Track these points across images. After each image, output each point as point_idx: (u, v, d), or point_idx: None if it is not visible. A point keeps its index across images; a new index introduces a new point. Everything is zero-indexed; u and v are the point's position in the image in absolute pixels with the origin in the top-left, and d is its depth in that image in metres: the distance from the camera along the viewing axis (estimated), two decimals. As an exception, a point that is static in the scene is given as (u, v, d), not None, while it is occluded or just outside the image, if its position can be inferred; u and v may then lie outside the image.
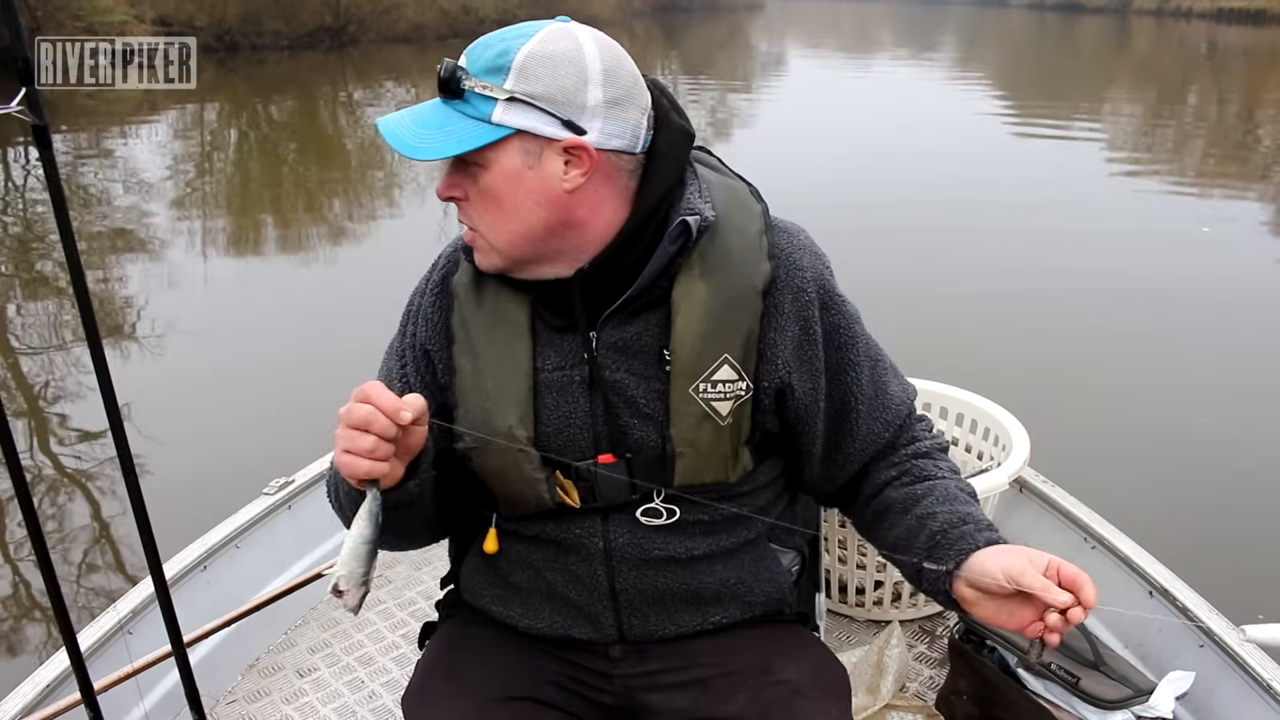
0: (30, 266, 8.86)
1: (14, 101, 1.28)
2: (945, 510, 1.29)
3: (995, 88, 25.41)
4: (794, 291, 1.30)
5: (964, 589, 1.21)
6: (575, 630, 1.38)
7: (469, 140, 1.19)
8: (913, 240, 8.89)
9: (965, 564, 1.21)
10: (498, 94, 1.18)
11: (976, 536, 1.24)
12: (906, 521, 1.32)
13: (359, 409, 1.11)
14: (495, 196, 1.23)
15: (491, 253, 1.27)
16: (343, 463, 1.13)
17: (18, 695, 1.97)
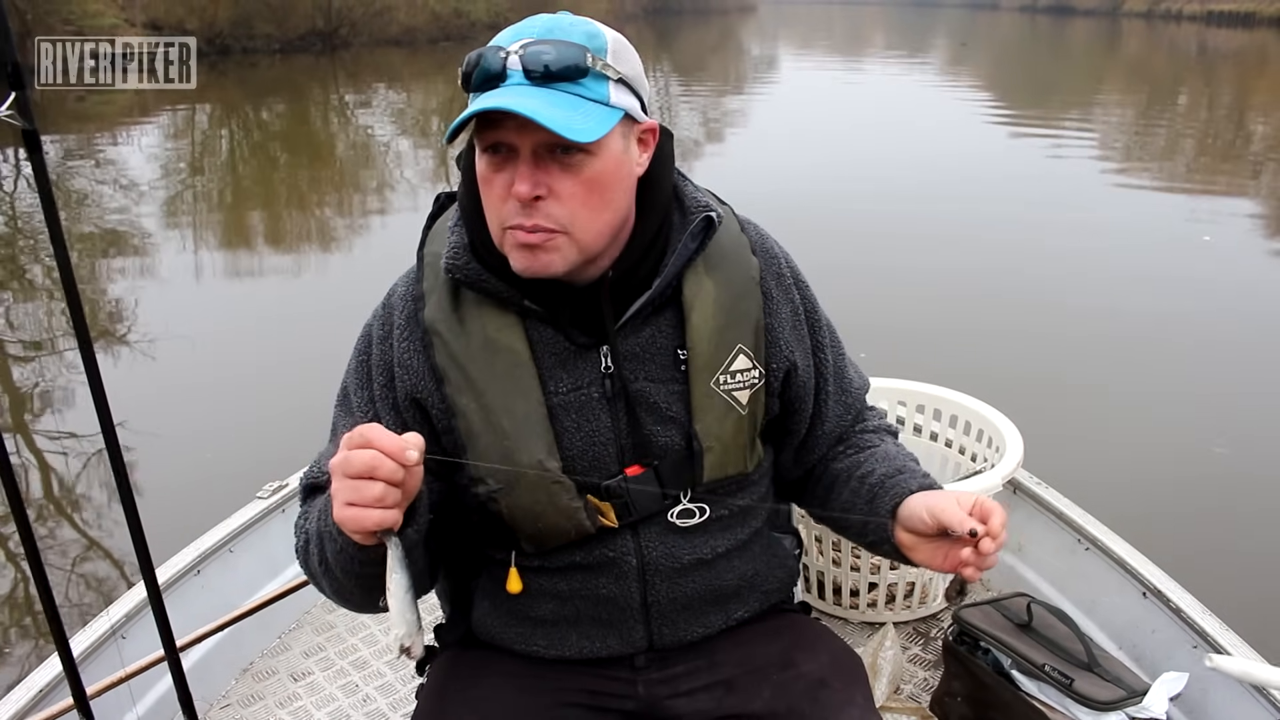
0: (19, 270, 8.84)
1: (3, 106, 1.28)
2: (883, 466, 1.34)
3: (987, 90, 25.48)
4: (776, 278, 1.35)
5: (901, 534, 1.26)
6: (603, 649, 1.36)
7: (605, 122, 1.14)
8: (902, 242, 8.89)
9: (900, 509, 1.26)
10: (612, 74, 1.16)
11: (910, 483, 1.28)
12: (850, 485, 1.36)
13: (360, 455, 1.01)
14: (600, 186, 1.17)
15: (571, 251, 1.18)
16: (348, 517, 1.03)
17: (10, 701, 1.96)
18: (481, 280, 1.24)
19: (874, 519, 1.29)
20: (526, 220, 1.16)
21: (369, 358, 1.32)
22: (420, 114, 20.88)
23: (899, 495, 1.27)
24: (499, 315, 1.26)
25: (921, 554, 1.23)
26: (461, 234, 1.27)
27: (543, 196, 1.15)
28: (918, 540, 1.23)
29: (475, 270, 1.24)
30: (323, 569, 1.22)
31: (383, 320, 1.32)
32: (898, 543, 1.26)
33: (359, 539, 1.06)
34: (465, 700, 1.33)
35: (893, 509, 1.27)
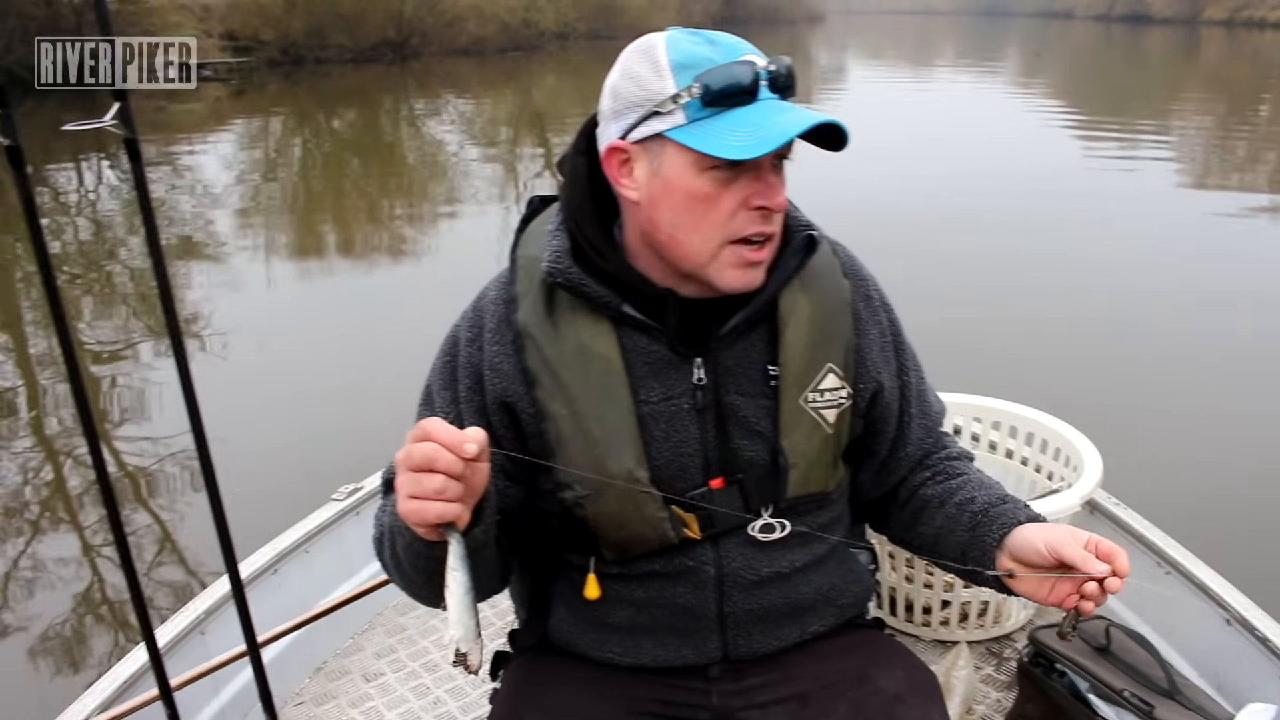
0: (104, 274, 9.08)
1: (108, 115, 1.32)
2: (983, 494, 1.33)
3: (1062, 101, 25.05)
4: (865, 299, 1.37)
5: (1007, 564, 1.24)
6: (678, 659, 1.36)
7: None
8: (979, 259, 8.79)
9: (1008, 539, 1.24)
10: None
11: (1017, 513, 1.26)
12: (946, 511, 1.35)
13: (420, 448, 1.02)
14: None
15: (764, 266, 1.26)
16: (410, 510, 1.04)
17: (96, 690, 2.01)
18: (583, 285, 1.25)
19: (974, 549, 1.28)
20: (769, 228, 1.22)
21: (455, 359, 1.33)
22: (489, 123, 21.09)
23: (1007, 525, 1.25)
24: (593, 322, 1.27)
25: (1026, 586, 1.21)
26: (564, 238, 1.28)
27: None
28: (1025, 572, 1.21)
29: (576, 274, 1.25)
30: (394, 562, 1.24)
31: (472, 323, 1.34)
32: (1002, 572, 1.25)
33: (423, 533, 1.07)
34: (540, 706, 1.33)
35: (1000, 538, 1.25)
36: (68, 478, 5.13)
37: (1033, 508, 1.30)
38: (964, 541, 1.30)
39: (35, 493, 4.97)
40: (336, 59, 30.52)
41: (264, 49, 29.13)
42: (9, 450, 5.43)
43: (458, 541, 1.06)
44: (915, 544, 1.44)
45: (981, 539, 1.28)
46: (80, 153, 14.62)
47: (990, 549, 1.26)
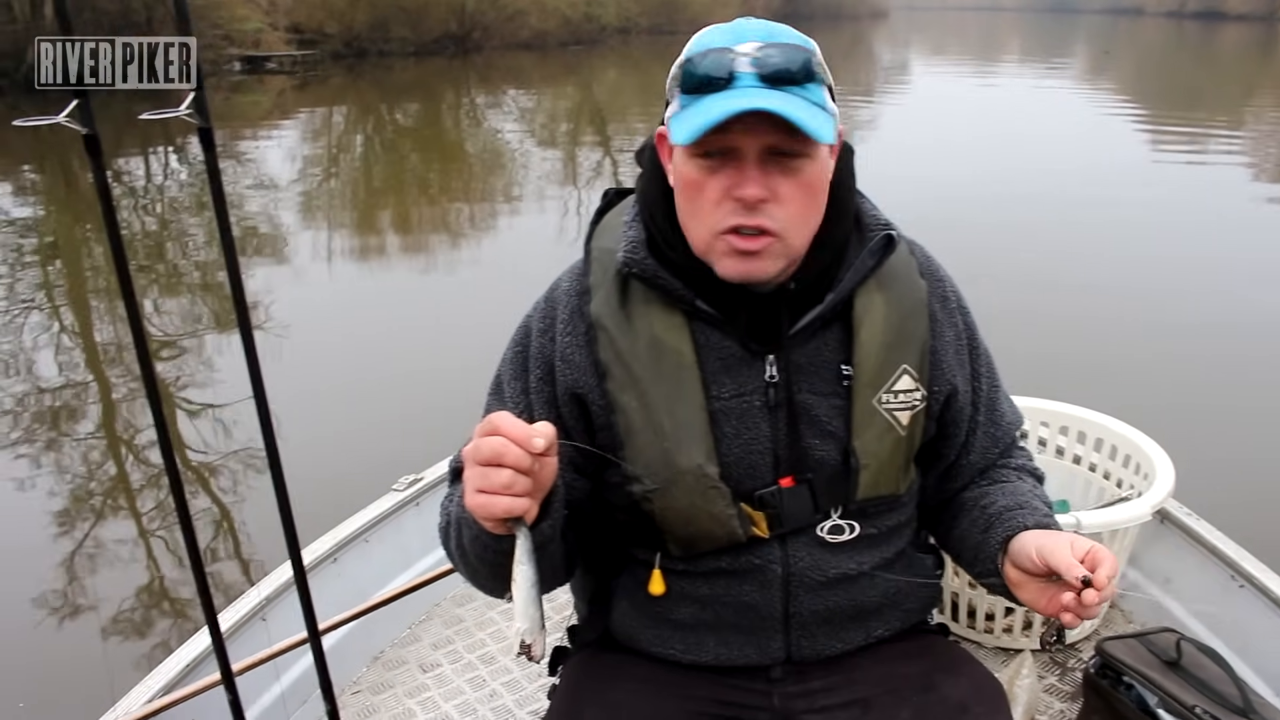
0: (168, 262, 9.25)
1: (183, 105, 1.34)
2: (1004, 499, 1.32)
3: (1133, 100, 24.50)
4: (941, 300, 1.34)
5: (1010, 570, 1.23)
6: (740, 658, 1.34)
7: (830, 127, 1.16)
8: (1047, 259, 8.63)
9: (1011, 543, 1.23)
10: (828, 80, 1.17)
11: (1026, 519, 1.25)
12: (971, 515, 1.35)
13: (488, 443, 1.02)
14: (814, 191, 1.18)
15: (781, 258, 1.19)
16: (477, 504, 1.04)
17: (160, 673, 2.05)
18: (658, 277, 1.24)
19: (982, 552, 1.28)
20: (750, 221, 1.16)
21: (526, 350, 1.33)
22: (549, 117, 21.18)
23: (1012, 530, 1.24)
24: (666, 315, 1.26)
25: (1027, 593, 1.21)
26: (639, 229, 1.27)
27: (766, 199, 1.15)
28: (1025, 578, 1.20)
29: (652, 266, 1.25)
30: (459, 552, 1.24)
31: (544, 314, 1.33)
32: (1005, 578, 1.24)
33: (490, 526, 1.07)
34: (600, 703, 1.32)
35: (1004, 542, 1.24)
36: (132, 464, 5.24)
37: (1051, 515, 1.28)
38: (976, 544, 1.30)
39: (100, 479, 5.07)
40: (399, 52, 30.85)
41: (328, 42, 29.55)
42: (73, 436, 5.55)
43: (525, 536, 1.06)
44: (949, 546, 1.43)
45: (988, 543, 1.27)
46: (148, 143, 14.94)
47: (994, 553, 1.25)
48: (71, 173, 13.42)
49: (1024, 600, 1.21)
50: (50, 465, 5.15)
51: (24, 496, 4.80)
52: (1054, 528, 1.24)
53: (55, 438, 5.52)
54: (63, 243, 10.15)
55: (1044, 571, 1.15)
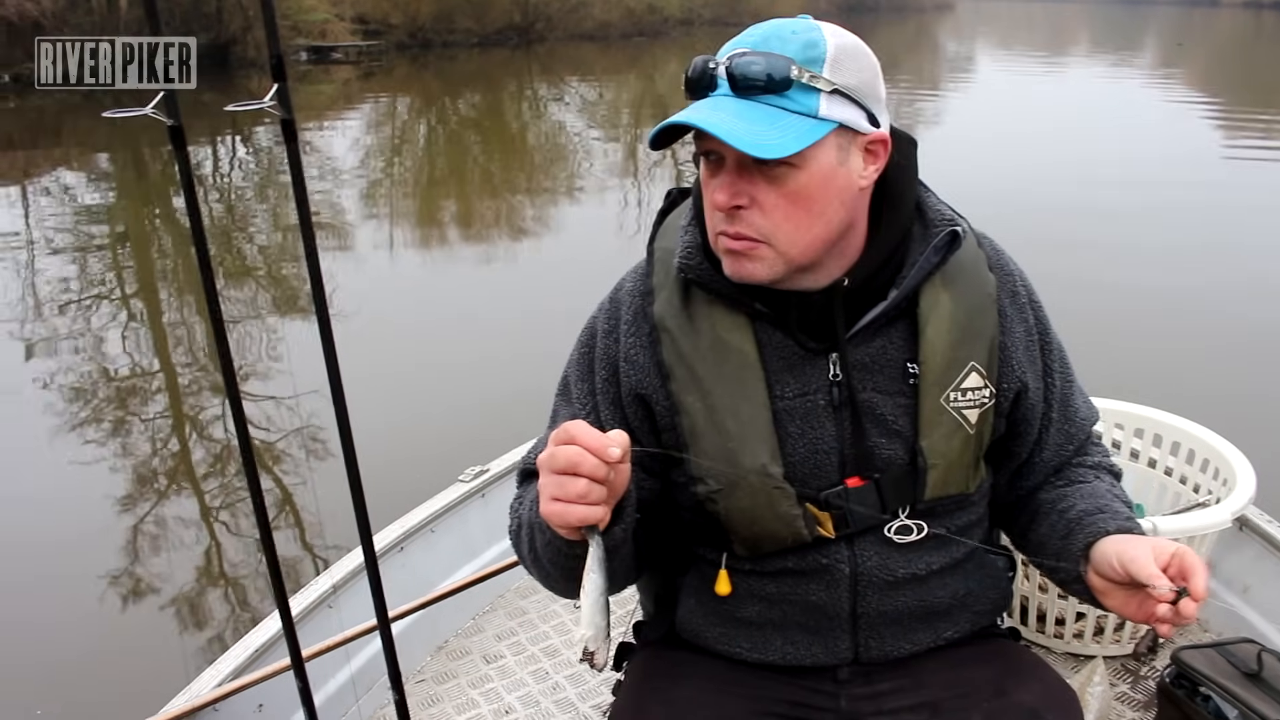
0: (234, 248, 9.41)
1: (267, 96, 1.35)
2: (1084, 502, 1.30)
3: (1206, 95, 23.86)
4: (1011, 295, 1.32)
5: (1093, 578, 1.21)
6: (808, 657, 1.34)
7: (805, 136, 1.12)
8: (1121, 257, 8.45)
9: (1093, 549, 1.21)
10: (823, 85, 1.13)
11: (1107, 524, 1.22)
12: (1050, 519, 1.32)
13: (564, 451, 1.03)
14: (805, 198, 1.16)
15: (776, 262, 1.18)
16: (553, 512, 1.05)
17: (230, 657, 2.08)
18: (713, 281, 1.25)
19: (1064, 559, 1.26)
20: (729, 228, 1.18)
21: (592, 350, 1.34)
22: (611, 109, 21.20)
23: (1093, 535, 1.22)
24: (729, 315, 1.26)
25: (1114, 600, 1.18)
26: (695, 233, 1.28)
27: (744, 206, 1.16)
28: (1109, 586, 1.18)
29: (707, 270, 1.25)
30: (532, 556, 1.26)
31: (609, 314, 1.34)
32: (1089, 585, 1.22)
33: (564, 534, 1.09)
34: (666, 700, 1.32)
35: (1085, 549, 1.22)
36: (198, 447, 5.34)
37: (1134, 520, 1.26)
38: (1057, 551, 1.28)
39: (166, 460, 5.18)
40: (463, 43, 31.04)
41: (393, 33, 29.80)
42: (141, 417, 5.68)
43: (598, 544, 1.08)
44: (1028, 550, 1.41)
45: (1070, 549, 1.25)
46: (216, 131, 15.20)
47: (1076, 561, 1.23)
48: (142, 161, 13.71)
49: (1111, 608, 1.19)
50: (117, 448, 5.28)
51: (90, 478, 4.92)
52: (1136, 531, 1.22)
53: (123, 419, 5.66)
54: (133, 229, 10.37)
55: (1126, 580, 1.13)
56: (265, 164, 13.92)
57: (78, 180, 12.79)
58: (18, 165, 13.65)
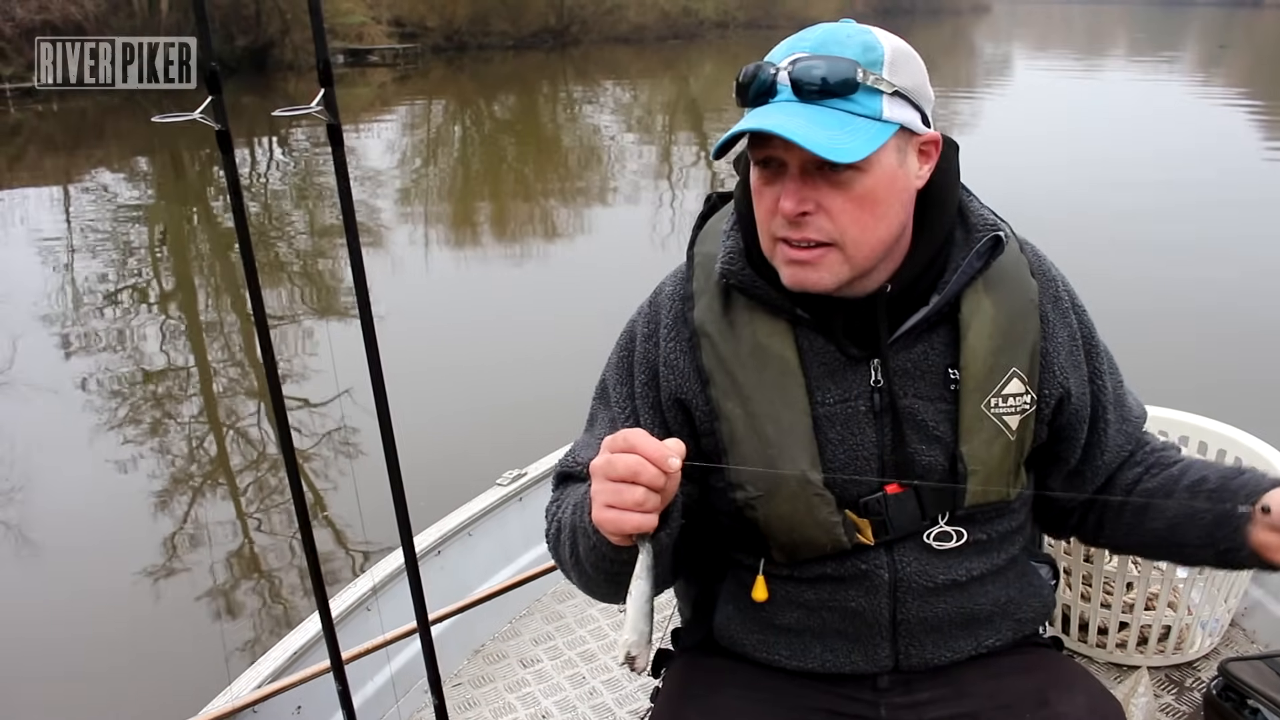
0: (271, 250, 9.50)
1: (314, 102, 1.36)
2: (1215, 472, 1.27)
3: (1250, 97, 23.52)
4: (1053, 300, 1.31)
5: (1262, 534, 1.18)
6: (847, 665, 1.32)
7: (874, 139, 1.12)
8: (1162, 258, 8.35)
9: (1266, 501, 1.17)
10: (885, 88, 1.13)
11: (1262, 480, 1.21)
12: (1178, 497, 1.29)
13: (623, 460, 1.03)
14: (872, 201, 1.15)
15: (842, 267, 1.17)
16: (607, 519, 1.05)
17: (269, 659, 2.09)
18: (755, 287, 1.24)
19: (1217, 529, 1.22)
20: (795, 234, 1.16)
21: (631, 354, 1.34)
22: (646, 111, 21.22)
23: (1255, 491, 1.19)
24: (769, 321, 1.25)
25: None
26: (738, 239, 1.27)
27: (810, 212, 1.15)
28: None
29: (749, 276, 1.24)
30: (573, 560, 1.24)
31: (649, 318, 1.33)
32: (1257, 545, 1.19)
33: (615, 540, 1.08)
34: (705, 709, 1.31)
35: (1249, 504, 1.19)
36: (235, 448, 5.39)
37: None
38: (1208, 523, 1.24)
39: (203, 462, 5.23)
40: (498, 45, 31.22)
41: (429, 35, 30.03)
42: (178, 419, 5.74)
43: (647, 551, 1.08)
44: (1145, 542, 1.36)
45: (1229, 514, 1.21)
46: (254, 133, 15.36)
47: (1239, 522, 1.20)
48: (180, 163, 13.88)
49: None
50: (155, 448, 5.33)
51: (129, 479, 4.97)
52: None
53: (161, 419, 5.72)
54: (170, 230, 10.50)
55: None
56: (304, 166, 14.05)
57: (117, 181, 12.99)
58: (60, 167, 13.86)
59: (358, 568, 3.87)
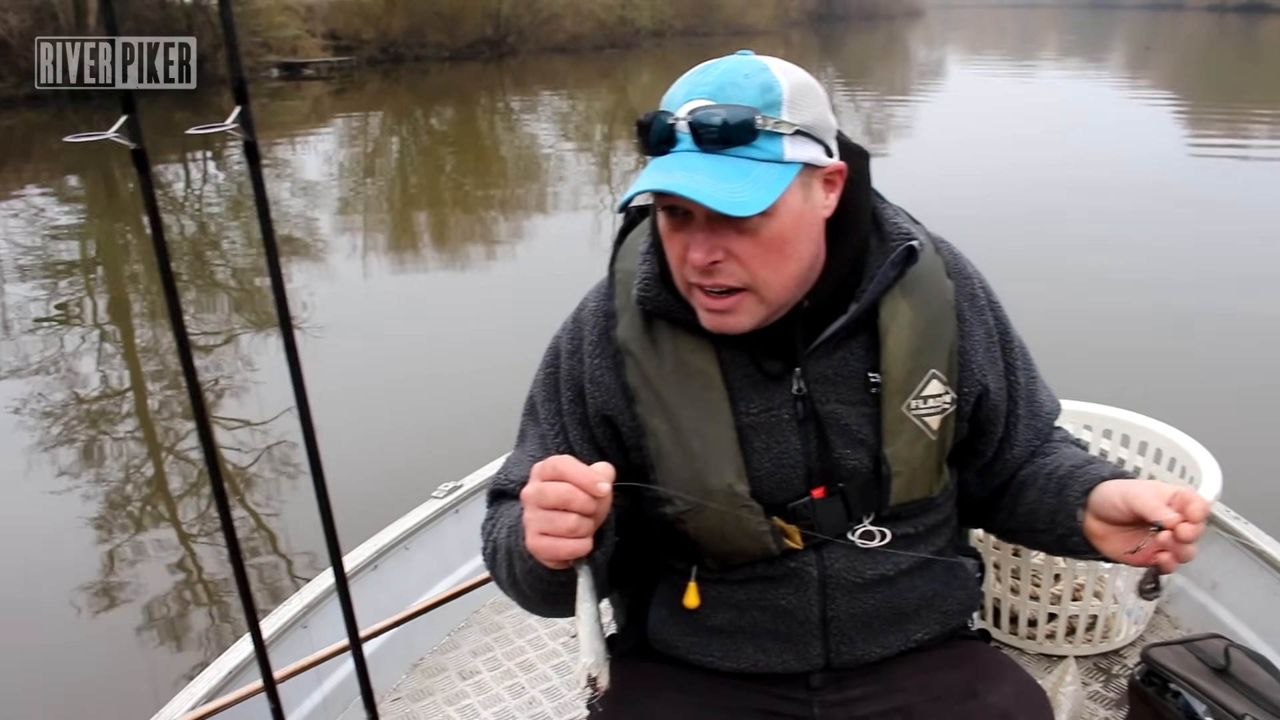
0: (207, 267, 9.37)
1: (230, 119, 1.35)
2: (1072, 460, 1.33)
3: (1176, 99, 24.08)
4: (969, 299, 1.34)
5: (1092, 523, 1.23)
6: (779, 664, 1.34)
7: (776, 185, 1.13)
8: (1084, 257, 8.49)
9: (1091, 496, 1.23)
10: (786, 130, 1.13)
11: (1101, 470, 1.26)
12: (1038, 484, 1.35)
13: (554, 488, 1.04)
14: (781, 243, 1.16)
15: (759, 309, 1.19)
16: (542, 547, 1.06)
17: (203, 680, 2.07)
18: (673, 311, 1.26)
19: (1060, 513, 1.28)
20: (707, 281, 1.17)
21: (557, 371, 1.35)
22: (584, 120, 21.22)
23: (1090, 482, 1.25)
24: (691, 338, 1.27)
25: (1112, 544, 1.21)
26: (653, 263, 1.28)
27: (720, 260, 1.16)
28: (1109, 529, 1.21)
29: (666, 301, 1.26)
30: (510, 580, 1.26)
31: (572, 335, 1.34)
32: (1088, 533, 1.24)
33: (550, 564, 1.09)
34: (640, 713, 1.32)
35: (1083, 495, 1.24)
36: (174, 468, 5.30)
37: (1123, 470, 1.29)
38: (1052, 508, 1.30)
39: (139, 484, 5.14)
40: (435, 57, 31.04)
41: (364, 48, 29.78)
42: (113, 436, 5.63)
43: (586, 574, 1.09)
44: (1016, 528, 1.42)
45: (1066, 502, 1.27)
46: (188, 149, 15.13)
47: (1074, 510, 1.26)
48: (113, 180, 13.62)
49: (1108, 552, 1.22)
50: (90, 471, 5.23)
51: (62, 502, 4.87)
52: (1128, 476, 1.25)
53: (95, 438, 5.63)
54: (104, 249, 10.31)
55: (1129, 518, 1.16)
56: (239, 181, 13.87)
57: (47, 201, 12.70)
58: (-13, 186, 13.55)
59: (300, 585, 3.83)
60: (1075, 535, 1.26)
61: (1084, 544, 1.26)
